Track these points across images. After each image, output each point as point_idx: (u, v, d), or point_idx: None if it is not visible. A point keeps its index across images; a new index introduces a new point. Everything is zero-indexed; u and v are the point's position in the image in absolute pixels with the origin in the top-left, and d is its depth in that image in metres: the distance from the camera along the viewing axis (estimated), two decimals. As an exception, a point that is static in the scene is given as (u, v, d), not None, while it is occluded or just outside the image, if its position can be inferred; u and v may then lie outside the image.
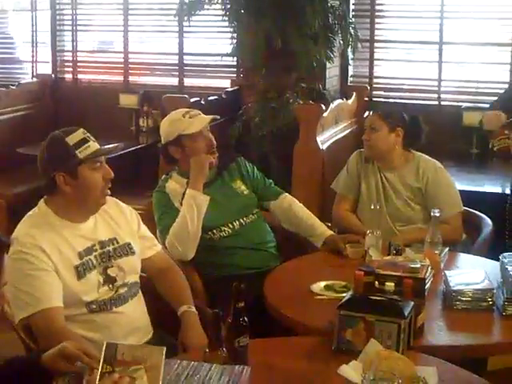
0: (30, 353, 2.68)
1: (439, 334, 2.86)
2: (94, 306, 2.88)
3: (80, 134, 2.89)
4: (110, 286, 2.93)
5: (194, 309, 3.08)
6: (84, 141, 2.87)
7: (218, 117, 3.85)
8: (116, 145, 3.08)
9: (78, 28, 7.91)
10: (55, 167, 2.86)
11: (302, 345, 2.73)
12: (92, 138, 2.91)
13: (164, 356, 2.16)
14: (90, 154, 2.86)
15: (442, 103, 6.64)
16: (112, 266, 2.96)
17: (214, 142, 3.77)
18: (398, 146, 4.12)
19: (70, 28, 7.93)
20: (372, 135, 4.09)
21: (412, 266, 2.95)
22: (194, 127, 3.71)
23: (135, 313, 3.01)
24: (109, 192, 2.98)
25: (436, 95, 6.66)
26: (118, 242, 3.02)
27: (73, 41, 7.93)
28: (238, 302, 2.42)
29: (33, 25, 8.03)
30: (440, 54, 6.63)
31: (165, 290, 3.20)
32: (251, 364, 2.32)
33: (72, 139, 2.86)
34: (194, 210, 3.60)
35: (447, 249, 3.66)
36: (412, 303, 2.63)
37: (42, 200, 2.98)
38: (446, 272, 3.27)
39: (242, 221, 3.82)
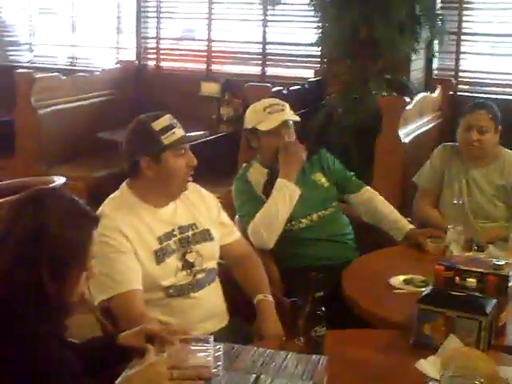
0: (107, 334, 2.71)
1: (522, 334, 2.79)
2: (172, 291, 2.90)
3: (166, 119, 2.90)
4: (188, 271, 2.94)
5: (270, 298, 3.07)
6: (170, 127, 2.88)
7: (298, 118, 3.80)
8: (202, 133, 3.08)
9: (162, 15, 7.97)
10: (140, 151, 2.88)
11: (379, 337, 2.70)
12: (178, 124, 2.92)
13: None
14: (174, 140, 2.87)
15: (531, 99, 6.47)
16: (191, 252, 2.96)
17: (290, 140, 3.71)
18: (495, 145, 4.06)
19: (154, 15, 7.99)
20: (482, 137, 4.00)
21: (495, 262, 2.87)
22: (268, 124, 3.68)
23: (212, 299, 3.01)
24: (191, 178, 2.99)
25: (525, 90, 6.49)
26: (197, 228, 3.03)
27: (157, 28, 7.99)
28: (317, 292, 2.40)
29: (118, 11, 8.14)
30: (530, 48, 6.47)
31: (242, 277, 3.20)
32: (327, 354, 2.30)
33: (158, 124, 2.87)
34: (286, 200, 3.60)
35: (532, 247, 3.57)
36: (494, 301, 2.57)
37: (125, 183, 3.01)
38: (530, 271, 3.18)
39: (320, 213, 3.79)
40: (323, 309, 2.40)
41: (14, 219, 1.99)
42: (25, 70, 6.94)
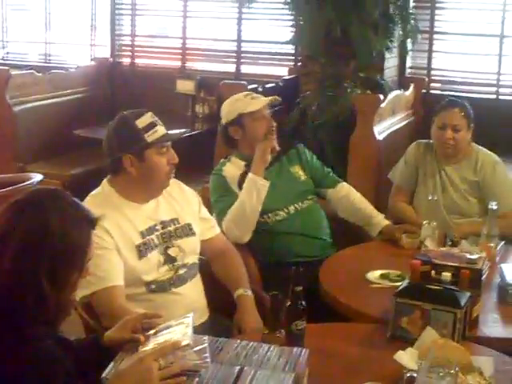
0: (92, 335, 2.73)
1: (494, 326, 2.87)
2: (154, 286, 2.93)
3: (149, 117, 2.93)
4: (170, 265, 2.98)
5: (250, 292, 3.12)
6: (152, 125, 2.92)
7: (279, 98, 3.88)
8: (183, 130, 3.12)
9: (137, 12, 7.97)
10: (123, 149, 2.91)
11: (358, 331, 2.76)
12: (159, 122, 2.96)
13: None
14: (157, 138, 2.91)
15: (500, 97, 6.56)
16: (173, 246, 3.01)
17: (274, 123, 3.79)
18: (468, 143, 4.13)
19: (128, 12, 7.98)
20: (456, 135, 4.06)
21: (469, 256, 2.95)
22: (254, 105, 3.75)
23: (193, 294, 3.05)
24: (173, 175, 3.04)
25: (494, 89, 6.58)
26: (179, 223, 3.07)
27: (131, 25, 7.99)
28: (297, 286, 2.45)
29: (92, 8, 8.13)
30: (500, 47, 6.54)
31: (222, 272, 3.25)
32: (307, 348, 2.35)
33: (141, 122, 2.90)
34: (253, 195, 3.63)
35: (503, 242, 3.65)
36: (468, 294, 2.65)
37: (106, 180, 3.04)
38: (502, 265, 3.27)
39: (297, 206, 3.84)
40: (303, 303, 2.45)
41: (14, 221, 1.96)
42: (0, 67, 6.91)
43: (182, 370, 2.05)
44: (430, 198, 3.86)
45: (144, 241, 2.93)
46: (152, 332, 2.28)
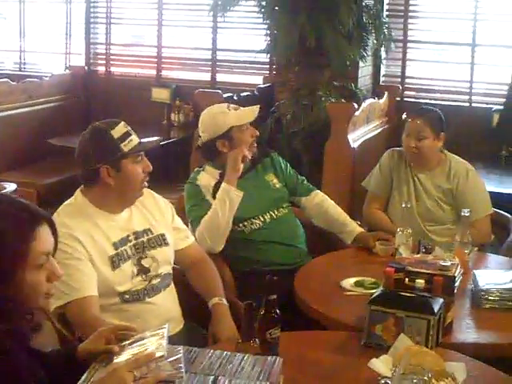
0: (66, 347, 2.71)
1: (467, 331, 2.89)
2: (127, 296, 2.93)
3: (122, 127, 2.93)
4: (144, 276, 2.98)
5: (225, 301, 3.12)
6: (127, 134, 2.91)
7: (259, 106, 3.86)
8: (157, 139, 3.12)
9: (112, 21, 7.98)
10: (100, 159, 2.89)
11: (332, 339, 2.77)
12: (132, 131, 2.95)
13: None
14: (133, 147, 2.91)
15: (473, 105, 6.64)
16: (146, 257, 3.00)
17: (258, 133, 3.80)
18: (438, 150, 4.15)
19: (103, 21, 8.00)
20: (419, 143, 4.08)
21: (442, 263, 2.97)
22: (246, 118, 3.74)
23: (167, 303, 3.05)
24: (146, 184, 3.03)
25: (467, 97, 6.65)
26: (152, 233, 3.06)
27: (106, 34, 7.99)
28: (271, 295, 2.45)
29: (67, 17, 8.11)
30: (472, 56, 6.63)
31: (196, 281, 3.24)
32: (282, 356, 2.35)
33: (116, 132, 2.90)
34: (226, 205, 3.62)
35: (476, 249, 3.69)
36: (442, 300, 2.66)
37: (79, 190, 3.02)
38: (475, 271, 3.29)
39: (272, 214, 3.84)
40: (277, 311, 2.45)
41: None
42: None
43: (157, 380, 2.04)
44: (403, 205, 3.88)
45: (117, 252, 2.93)
46: (127, 343, 2.28)
